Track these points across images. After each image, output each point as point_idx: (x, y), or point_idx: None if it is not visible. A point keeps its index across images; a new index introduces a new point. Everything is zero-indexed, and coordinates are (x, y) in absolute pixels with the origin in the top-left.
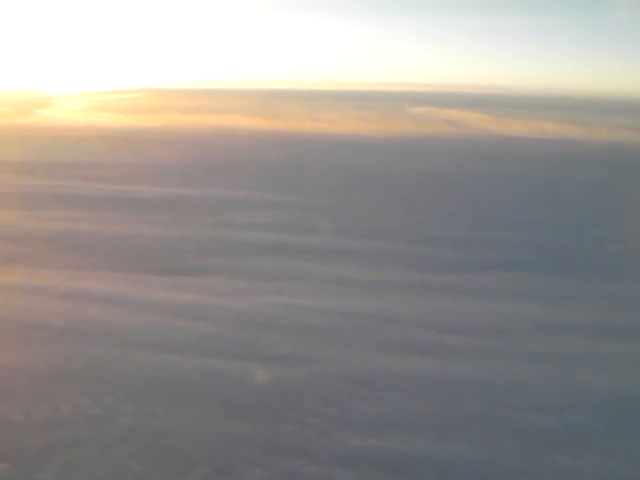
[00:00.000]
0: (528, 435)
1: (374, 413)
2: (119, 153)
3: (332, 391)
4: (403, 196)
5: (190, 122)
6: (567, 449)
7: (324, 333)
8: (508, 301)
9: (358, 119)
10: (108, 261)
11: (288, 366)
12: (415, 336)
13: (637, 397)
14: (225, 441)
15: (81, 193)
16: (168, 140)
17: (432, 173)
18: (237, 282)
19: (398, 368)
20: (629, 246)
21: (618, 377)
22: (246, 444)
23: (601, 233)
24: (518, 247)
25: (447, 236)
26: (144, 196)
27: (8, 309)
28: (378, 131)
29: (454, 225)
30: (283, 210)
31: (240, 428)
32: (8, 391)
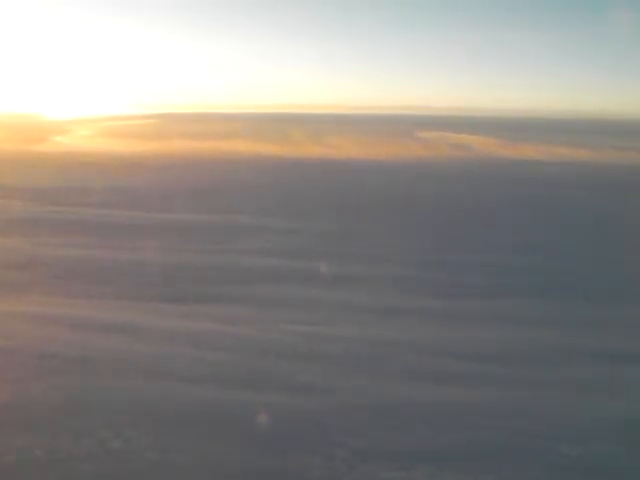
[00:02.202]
0: (559, 466)
1: (401, 444)
2: (137, 179)
3: (357, 422)
4: (414, 221)
5: (204, 148)
6: None
7: (342, 361)
8: (526, 328)
9: (365, 143)
10: (117, 289)
11: (309, 396)
12: (434, 364)
13: None
14: (252, 475)
15: (90, 219)
16: (181, 166)
17: (442, 197)
18: (248, 310)
19: (420, 397)
20: None
21: None
22: (274, 478)
23: (620, 258)
24: (533, 272)
25: (459, 261)
26: (152, 222)
27: (20, 339)
28: (386, 155)
29: (466, 250)
30: (291, 236)
31: (266, 461)
32: (26, 424)
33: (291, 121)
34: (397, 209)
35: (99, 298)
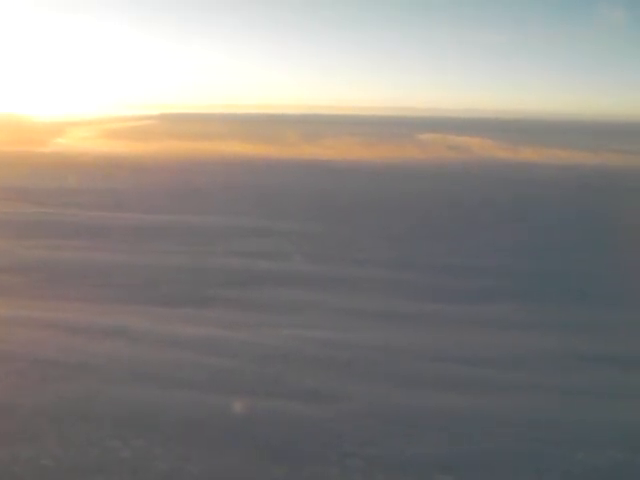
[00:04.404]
0: (575, 474)
1: (413, 453)
2: (136, 181)
3: (367, 429)
4: (411, 223)
5: (201, 149)
6: None
7: (346, 367)
8: (526, 332)
9: (363, 145)
10: (112, 292)
11: (317, 403)
12: (437, 369)
13: None
14: None
15: (84, 221)
16: (179, 168)
17: (440, 200)
18: (248, 314)
19: (426, 404)
20: None
21: None
22: None
23: (619, 261)
24: (532, 276)
25: (457, 265)
26: (146, 224)
27: (17, 344)
28: (384, 157)
29: (464, 253)
30: (286, 238)
31: (280, 471)
32: (31, 433)
33: (289, 122)
34: (392, 211)
35: (93, 301)
